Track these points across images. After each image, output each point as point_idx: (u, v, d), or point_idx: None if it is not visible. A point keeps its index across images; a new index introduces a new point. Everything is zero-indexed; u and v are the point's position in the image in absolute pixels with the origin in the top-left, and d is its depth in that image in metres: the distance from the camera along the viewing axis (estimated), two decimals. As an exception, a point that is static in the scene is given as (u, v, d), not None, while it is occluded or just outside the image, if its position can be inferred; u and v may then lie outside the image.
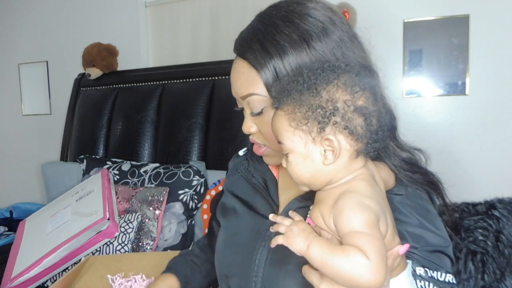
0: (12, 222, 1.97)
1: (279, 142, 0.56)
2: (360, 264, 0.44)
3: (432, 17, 1.64)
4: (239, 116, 0.72)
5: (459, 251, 1.04)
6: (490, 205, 1.07)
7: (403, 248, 0.52)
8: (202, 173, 1.55)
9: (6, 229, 1.95)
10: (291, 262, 0.63)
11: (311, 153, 0.53)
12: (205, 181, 1.55)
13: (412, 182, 0.65)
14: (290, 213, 0.58)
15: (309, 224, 0.54)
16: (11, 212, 2.02)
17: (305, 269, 0.53)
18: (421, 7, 1.66)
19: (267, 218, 0.60)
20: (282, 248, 0.53)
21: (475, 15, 1.58)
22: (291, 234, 0.51)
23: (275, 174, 0.77)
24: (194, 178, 1.53)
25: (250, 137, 0.71)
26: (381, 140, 0.53)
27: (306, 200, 0.66)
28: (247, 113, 0.69)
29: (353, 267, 0.45)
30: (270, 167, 0.78)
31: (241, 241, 0.74)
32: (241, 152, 0.89)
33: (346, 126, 0.50)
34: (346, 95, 0.51)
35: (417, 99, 1.70)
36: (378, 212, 0.49)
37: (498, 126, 1.60)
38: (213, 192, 1.54)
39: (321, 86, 0.52)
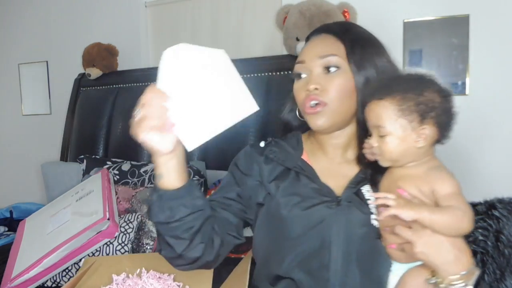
0: (12, 222, 1.97)
1: (379, 126, 0.70)
2: (462, 217, 0.64)
3: (432, 17, 1.64)
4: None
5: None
6: (490, 205, 1.07)
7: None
8: (202, 173, 1.55)
9: (6, 229, 1.94)
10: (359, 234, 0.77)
11: (408, 137, 0.69)
12: (205, 181, 1.55)
13: None
14: (380, 194, 0.69)
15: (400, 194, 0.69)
16: (11, 212, 2.02)
17: (399, 229, 0.66)
18: (421, 7, 1.66)
19: (328, 200, 0.78)
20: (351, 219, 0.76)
21: (475, 15, 1.58)
22: (400, 205, 0.65)
23: (308, 163, 0.86)
24: (194, 178, 1.53)
25: (311, 94, 0.80)
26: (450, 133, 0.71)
27: (357, 185, 0.81)
28: (316, 72, 0.81)
29: (459, 219, 0.64)
30: (304, 156, 0.87)
31: (312, 219, 0.79)
32: (262, 144, 0.93)
33: (437, 121, 0.69)
34: (439, 98, 0.69)
35: (417, 99, 1.70)
36: None
37: (498, 126, 1.60)
38: (213, 192, 1.54)
39: (423, 89, 0.69)
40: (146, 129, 0.70)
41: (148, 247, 1.40)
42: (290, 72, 0.99)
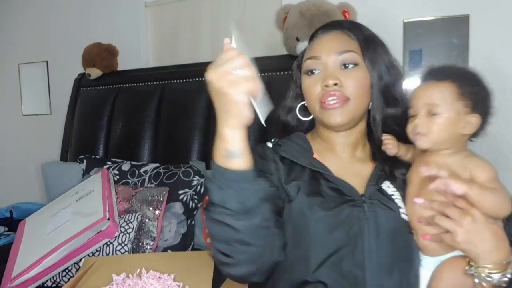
0: (12, 222, 1.97)
1: (433, 104, 0.73)
2: (505, 198, 0.67)
3: (432, 17, 1.64)
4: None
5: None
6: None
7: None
8: (202, 173, 1.55)
9: (6, 229, 1.95)
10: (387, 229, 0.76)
11: (457, 122, 0.73)
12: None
13: None
14: (431, 168, 0.69)
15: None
16: (11, 212, 2.02)
17: (438, 218, 0.67)
18: (421, 7, 1.65)
19: (353, 199, 0.77)
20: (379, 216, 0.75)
21: (475, 15, 1.58)
22: (452, 181, 0.65)
23: (319, 159, 0.84)
24: (194, 178, 1.53)
25: (330, 90, 0.79)
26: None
27: (377, 181, 0.81)
28: (333, 67, 0.80)
29: (503, 200, 0.67)
30: (315, 155, 0.85)
31: (341, 219, 0.76)
32: (270, 144, 0.90)
33: (484, 113, 0.75)
34: (489, 93, 0.76)
35: (417, 99, 1.70)
36: None
37: (498, 126, 1.59)
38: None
39: (478, 80, 0.75)
40: (245, 90, 0.61)
41: (148, 247, 1.40)
42: (290, 72, 0.99)
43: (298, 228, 0.78)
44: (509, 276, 0.63)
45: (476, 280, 0.64)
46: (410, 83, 1.69)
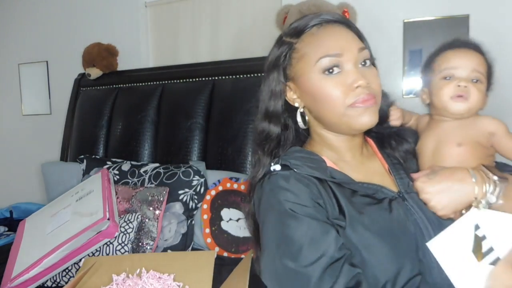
0: (12, 222, 1.97)
1: (479, 72, 0.78)
2: None
3: (432, 17, 1.64)
4: (239, 116, 0.73)
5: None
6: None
7: None
8: (202, 173, 1.55)
9: (6, 229, 1.94)
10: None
11: (484, 91, 0.80)
12: (205, 181, 1.55)
13: None
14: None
15: None
16: (11, 212, 2.02)
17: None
18: (421, 7, 1.66)
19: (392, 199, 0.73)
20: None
21: (475, 15, 1.58)
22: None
23: (336, 168, 0.76)
24: (194, 178, 1.53)
25: (365, 91, 0.71)
26: None
27: (399, 172, 0.79)
28: (356, 65, 0.73)
29: None
30: (328, 162, 0.76)
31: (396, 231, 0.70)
32: (278, 167, 0.75)
33: (492, 84, 0.83)
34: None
35: (417, 99, 1.69)
36: None
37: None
38: (213, 192, 1.54)
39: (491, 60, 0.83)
40: None
41: (148, 247, 1.40)
42: None
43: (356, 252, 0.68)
44: (493, 197, 0.65)
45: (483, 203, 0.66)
46: (410, 83, 1.70)
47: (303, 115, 0.80)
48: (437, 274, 0.68)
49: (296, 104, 0.80)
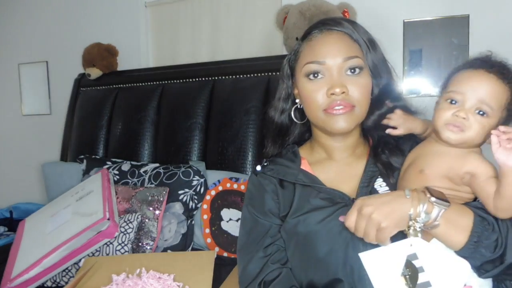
0: (12, 222, 1.97)
1: (486, 104, 0.67)
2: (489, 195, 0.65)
3: (432, 17, 1.64)
4: (239, 116, 0.73)
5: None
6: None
7: None
8: (202, 173, 1.55)
9: (6, 229, 1.95)
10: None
11: (489, 126, 0.67)
12: (205, 181, 1.55)
13: None
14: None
15: None
16: (11, 212, 2.02)
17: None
18: (421, 7, 1.65)
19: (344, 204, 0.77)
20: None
21: (475, 15, 1.58)
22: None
23: (310, 172, 0.84)
24: (194, 178, 1.53)
25: (338, 98, 0.76)
26: None
27: (369, 181, 0.81)
28: (339, 73, 0.77)
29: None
30: (303, 166, 0.85)
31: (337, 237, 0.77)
32: (259, 168, 0.90)
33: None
34: None
35: (417, 99, 1.70)
36: None
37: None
38: (213, 192, 1.54)
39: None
40: None
41: (148, 247, 1.40)
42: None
43: (299, 246, 0.81)
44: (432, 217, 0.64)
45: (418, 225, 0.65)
46: (410, 83, 1.70)
47: (299, 111, 0.89)
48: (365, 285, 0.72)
49: (297, 101, 0.88)
